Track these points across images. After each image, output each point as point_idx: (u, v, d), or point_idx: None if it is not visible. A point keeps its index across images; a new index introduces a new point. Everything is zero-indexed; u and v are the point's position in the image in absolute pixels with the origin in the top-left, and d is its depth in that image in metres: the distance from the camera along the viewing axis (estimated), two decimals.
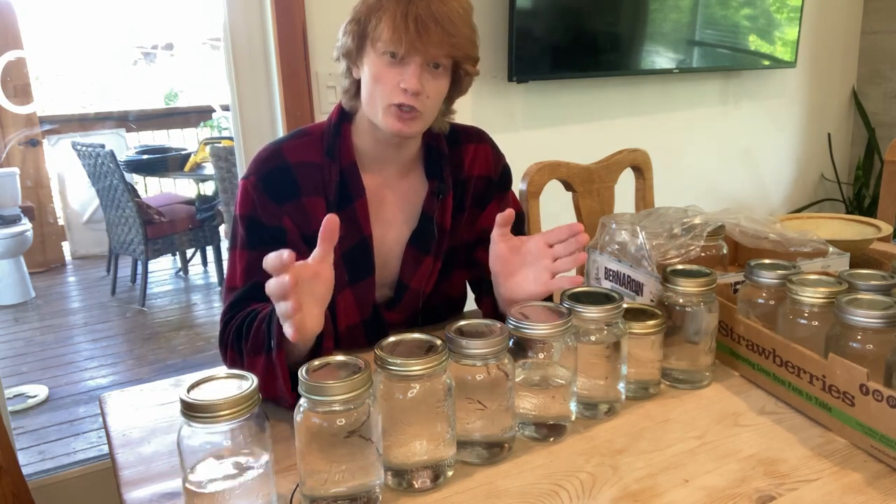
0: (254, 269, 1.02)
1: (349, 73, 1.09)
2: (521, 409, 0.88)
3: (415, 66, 1.00)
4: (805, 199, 3.11)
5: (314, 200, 1.09)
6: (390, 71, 1.01)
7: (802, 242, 1.23)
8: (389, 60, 1.01)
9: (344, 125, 1.13)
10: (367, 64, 1.04)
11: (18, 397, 2.89)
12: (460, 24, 1.01)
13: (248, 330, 0.95)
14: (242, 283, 1.04)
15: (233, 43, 1.84)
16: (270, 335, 0.89)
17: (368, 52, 1.04)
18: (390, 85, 1.02)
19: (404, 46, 0.98)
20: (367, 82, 1.05)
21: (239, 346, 0.96)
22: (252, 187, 1.07)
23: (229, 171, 3.41)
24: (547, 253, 0.99)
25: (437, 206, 1.16)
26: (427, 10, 0.98)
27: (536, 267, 0.99)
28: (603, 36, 2.30)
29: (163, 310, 3.93)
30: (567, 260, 0.98)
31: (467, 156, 1.20)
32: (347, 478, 0.72)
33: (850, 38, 3.04)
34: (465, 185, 1.20)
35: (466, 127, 1.23)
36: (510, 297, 1.02)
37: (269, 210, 1.06)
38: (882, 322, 0.86)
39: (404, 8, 0.98)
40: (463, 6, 1.03)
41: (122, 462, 0.86)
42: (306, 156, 1.10)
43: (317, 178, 1.09)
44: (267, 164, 1.08)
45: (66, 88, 4.94)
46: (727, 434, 0.89)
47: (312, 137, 1.12)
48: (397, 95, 1.01)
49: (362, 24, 1.02)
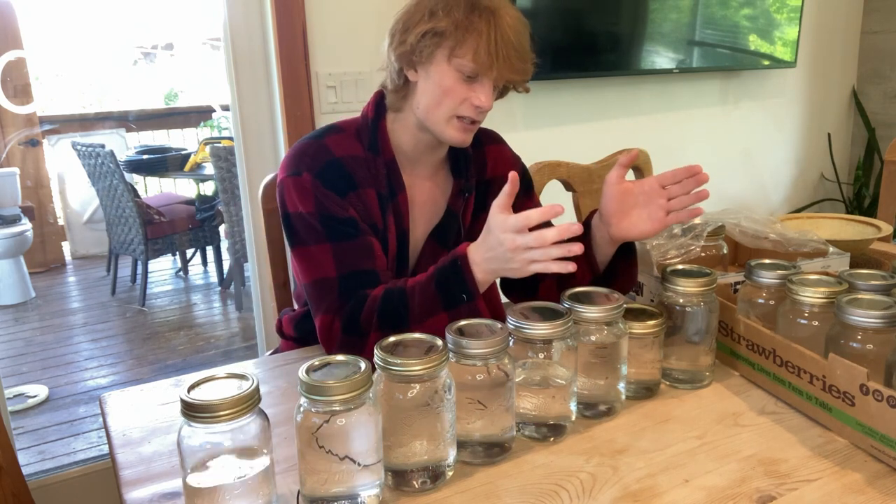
0: (346, 259, 1.05)
1: (402, 74, 1.09)
2: (521, 409, 0.88)
3: (489, 86, 1.05)
4: (805, 199, 3.10)
5: (368, 192, 1.10)
6: (462, 86, 1.05)
7: (802, 242, 1.23)
8: (464, 77, 1.04)
9: (381, 121, 1.14)
10: (437, 73, 1.05)
11: (18, 397, 2.89)
12: (528, 47, 1.07)
13: (404, 303, 0.99)
14: (337, 274, 1.05)
15: (233, 43, 1.84)
16: (456, 289, 0.96)
17: (440, 62, 1.04)
18: (459, 98, 1.05)
19: (492, 70, 1.03)
20: (431, 90, 1.06)
21: (394, 322, 0.99)
22: (310, 184, 1.06)
23: (229, 171, 3.41)
24: (661, 193, 1.05)
25: (462, 203, 1.19)
26: (509, 38, 1.02)
27: (651, 206, 1.05)
28: (603, 36, 2.30)
29: (163, 310, 3.93)
30: (685, 197, 1.04)
31: (490, 157, 1.24)
32: (346, 478, 0.72)
33: (850, 38, 3.04)
34: (488, 186, 1.22)
35: (482, 129, 1.24)
36: (623, 236, 1.08)
37: (336, 203, 1.06)
38: (882, 322, 0.86)
39: (492, 32, 1.01)
40: (527, 27, 1.08)
41: (123, 462, 0.86)
42: (351, 150, 1.11)
43: (365, 170, 1.11)
44: (317, 160, 1.08)
45: (66, 88, 4.94)
46: (727, 434, 0.89)
47: (348, 133, 1.13)
48: (467, 109, 1.06)
49: (445, 36, 1.03)
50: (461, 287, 0.97)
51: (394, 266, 1.14)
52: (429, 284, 0.99)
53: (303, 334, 1.21)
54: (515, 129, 2.26)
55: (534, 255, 0.91)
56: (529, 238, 0.90)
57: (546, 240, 0.89)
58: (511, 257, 0.92)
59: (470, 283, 0.96)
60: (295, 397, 0.74)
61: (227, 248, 3.84)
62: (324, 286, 1.05)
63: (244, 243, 2.44)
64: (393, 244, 1.12)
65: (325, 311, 1.04)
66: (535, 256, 0.91)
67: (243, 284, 3.84)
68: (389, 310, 0.99)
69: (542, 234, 0.89)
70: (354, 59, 1.89)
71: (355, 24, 1.88)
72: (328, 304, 1.04)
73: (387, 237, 1.12)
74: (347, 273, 1.04)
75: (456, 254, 0.99)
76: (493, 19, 1.02)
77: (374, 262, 1.06)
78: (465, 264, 0.97)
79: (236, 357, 3.29)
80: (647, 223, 1.05)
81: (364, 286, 1.03)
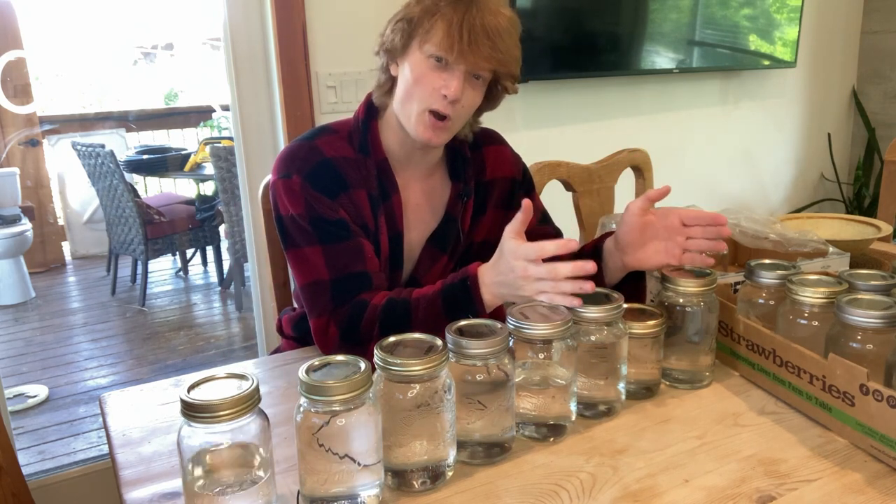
0: (337, 261, 1.05)
1: (386, 69, 1.10)
2: (521, 409, 0.88)
3: (459, 74, 1.02)
4: (805, 199, 3.11)
5: (359, 193, 1.10)
6: (433, 74, 1.03)
7: (802, 242, 1.23)
8: (435, 64, 1.03)
9: (372, 122, 1.13)
10: (411, 64, 1.05)
11: (18, 397, 2.89)
12: (509, 40, 1.03)
13: (408, 314, 0.99)
14: (330, 276, 1.04)
15: (233, 43, 1.84)
16: (463, 307, 0.96)
17: (414, 52, 1.04)
18: (430, 88, 1.03)
19: (454, 54, 1.00)
20: (405, 81, 1.05)
21: (395, 333, 0.96)
22: (299, 187, 1.06)
23: (229, 171, 3.41)
24: (682, 231, 1.03)
25: (461, 208, 1.17)
26: (481, 22, 1.00)
27: (669, 242, 1.04)
28: (603, 36, 2.30)
29: (163, 310, 3.93)
30: (703, 242, 1.02)
31: (488, 159, 1.22)
32: (346, 478, 0.72)
33: (850, 38, 3.04)
34: (487, 188, 1.21)
35: (482, 129, 1.24)
36: (638, 266, 1.07)
37: (326, 205, 1.06)
38: (882, 322, 0.86)
39: (461, 16, 1.00)
40: (514, 24, 1.05)
41: (122, 462, 0.86)
42: (341, 151, 1.11)
43: (356, 172, 1.10)
44: (307, 162, 1.08)
45: (66, 88, 4.94)
46: (727, 434, 0.89)
47: (341, 134, 1.13)
48: (436, 101, 1.03)
49: (414, 23, 1.03)
50: (468, 306, 0.96)
51: (386, 268, 1.13)
52: (436, 299, 0.99)
53: (303, 334, 1.21)
54: (515, 129, 2.26)
55: (544, 286, 0.90)
56: (542, 270, 0.89)
57: (559, 274, 0.88)
58: (522, 285, 0.91)
59: (478, 303, 0.96)
60: (295, 397, 0.74)
61: (227, 248, 3.84)
62: (316, 289, 1.05)
63: (244, 243, 2.45)
64: (385, 246, 1.12)
65: (318, 313, 1.05)
66: (544, 288, 0.90)
67: (243, 284, 3.84)
68: (392, 320, 0.99)
69: (556, 267, 0.88)
70: (354, 59, 1.89)
71: (355, 24, 1.88)
72: (321, 306, 1.04)
73: (378, 238, 1.11)
74: (339, 275, 1.04)
75: (466, 273, 0.98)
76: (467, 8, 1.00)
77: (366, 263, 1.06)
78: (474, 284, 0.97)
79: (236, 357, 3.29)
80: (663, 256, 1.04)
81: (356, 288, 1.03)
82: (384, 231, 1.12)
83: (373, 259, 1.08)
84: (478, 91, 1.06)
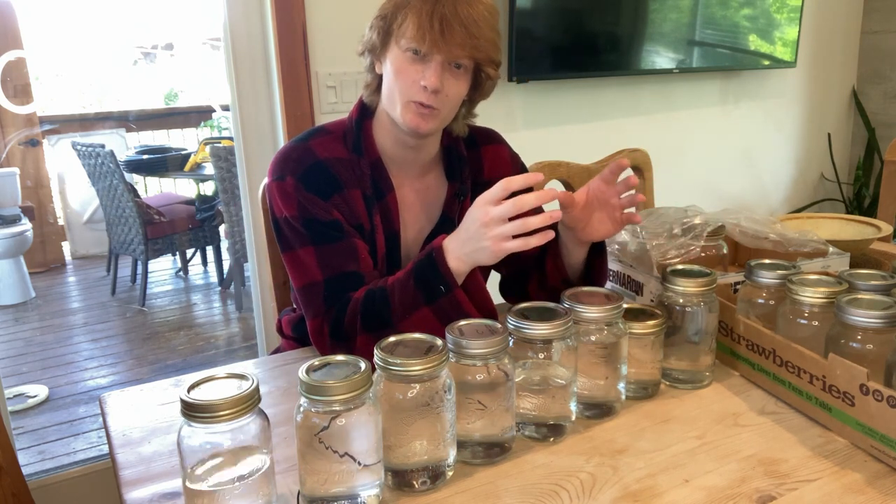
0: (330, 262, 1.05)
1: (372, 68, 1.11)
2: (521, 409, 0.88)
3: (436, 65, 1.02)
4: (805, 199, 3.10)
5: (353, 193, 1.10)
6: (411, 67, 1.03)
7: (802, 242, 1.23)
8: (412, 57, 1.03)
9: (365, 122, 1.13)
10: (390, 59, 1.05)
11: (18, 397, 2.89)
12: (484, 26, 1.02)
13: (386, 301, 0.99)
14: (323, 277, 1.05)
15: (233, 43, 1.84)
16: (434, 282, 0.96)
17: (392, 47, 1.05)
18: (410, 80, 1.03)
19: (427, 44, 1.00)
20: (388, 77, 1.06)
21: (378, 322, 0.99)
22: (293, 188, 1.06)
23: (229, 171, 3.41)
24: (611, 192, 1.06)
25: (458, 207, 1.17)
26: (453, 11, 1.00)
27: (606, 208, 1.06)
28: (603, 36, 2.30)
29: (163, 310, 3.93)
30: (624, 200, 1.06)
31: (486, 158, 1.22)
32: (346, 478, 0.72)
33: (850, 38, 3.04)
34: (485, 188, 1.20)
35: (480, 128, 1.24)
36: (590, 239, 1.09)
37: (319, 206, 1.06)
38: (882, 322, 0.86)
39: (430, 7, 1.00)
40: (489, 10, 1.04)
41: (122, 462, 0.86)
42: (335, 151, 1.11)
43: (350, 172, 1.10)
44: (301, 164, 1.08)
45: (66, 88, 4.94)
46: (727, 434, 0.89)
47: (335, 135, 1.13)
48: (417, 92, 1.03)
49: (388, 20, 1.04)
50: (438, 279, 0.96)
51: (384, 268, 1.13)
52: (408, 280, 0.99)
53: (302, 335, 1.21)
54: (515, 129, 2.26)
55: (506, 229, 0.89)
56: (506, 205, 0.89)
57: (525, 204, 0.88)
58: (483, 233, 0.91)
59: (445, 273, 0.96)
60: (295, 397, 0.74)
61: (227, 248, 3.84)
62: (311, 290, 1.05)
63: (244, 243, 2.44)
64: (381, 245, 1.12)
65: (313, 315, 1.05)
66: (507, 231, 0.89)
67: (243, 284, 3.84)
68: (372, 310, 0.99)
69: (521, 198, 0.89)
70: (354, 59, 1.86)
71: (355, 24, 1.87)
72: (316, 308, 1.05)
73: (374, 238, 1.11)
74: (332, 276, 1.04)
75: (432, 247, 0.99)
76: None
77: (359, 264, 1.06)
78: (439, 256, 0.97)
79: (236, 357, 3.30)
80: (609, 224, 1.07)
81: (349, 289, 1.03)
82: (380, 230, 1.12)
83: (367, 259, 1.08)
84: (461, 80, 1.06)
